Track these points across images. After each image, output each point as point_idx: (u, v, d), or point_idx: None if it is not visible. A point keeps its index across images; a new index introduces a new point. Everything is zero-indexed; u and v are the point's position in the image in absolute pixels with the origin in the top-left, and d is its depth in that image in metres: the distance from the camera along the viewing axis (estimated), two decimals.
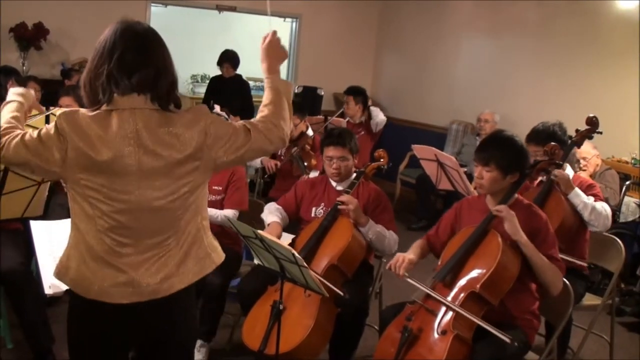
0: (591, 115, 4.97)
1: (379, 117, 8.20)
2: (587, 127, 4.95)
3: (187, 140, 2.58)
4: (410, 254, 4.18)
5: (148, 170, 2.54)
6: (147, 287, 2.63)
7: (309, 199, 4.97)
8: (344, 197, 4.59)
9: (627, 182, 7.16)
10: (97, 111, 2.53)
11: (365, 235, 4.61)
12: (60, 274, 2.69)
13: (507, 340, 3.56)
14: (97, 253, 2.59)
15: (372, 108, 8.34)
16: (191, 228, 2.73)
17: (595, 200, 4.81)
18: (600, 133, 4.98)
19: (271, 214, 4.94)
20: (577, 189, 4.78)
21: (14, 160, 2.54)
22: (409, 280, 4.00)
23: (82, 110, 2.55)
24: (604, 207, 4.81)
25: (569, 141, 4.95)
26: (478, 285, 3.70)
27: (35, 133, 2.53)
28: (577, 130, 4.98)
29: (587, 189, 4.91)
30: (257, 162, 7.29)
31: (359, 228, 4.63)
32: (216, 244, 2.90)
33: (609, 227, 4.88)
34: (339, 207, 4.58)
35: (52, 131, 2.50)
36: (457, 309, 3.69)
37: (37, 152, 2.50)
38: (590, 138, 5.01)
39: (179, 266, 2.69)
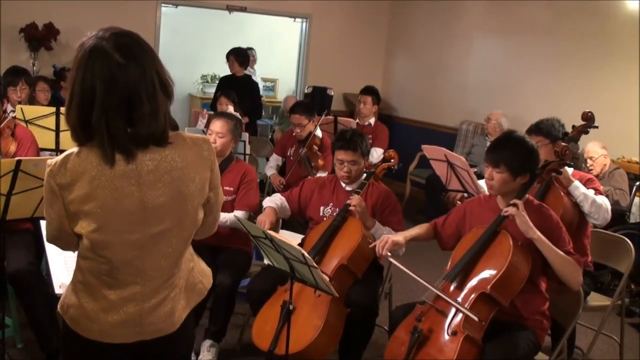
0: (587, 110, 4.98)
1: (373, 156, 7.91)
2: (582, 122, 4.96)
3: (192, 172, 2.46)
4: (398, 236, 4.24)
5: (153, 208, 2.39)
6: (152, 327, 2.54)
7: (318, 198, 4.98)
8: (353, 200, 4.60)
9: (638, 183, 7.14)
10: (92, 147, 2.31)
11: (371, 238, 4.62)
12: (62, 309, 2.57)
13: (476, 318, 3.63)
14: (101, 293, 2.47)
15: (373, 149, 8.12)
16: (186, 260, 2.63)
17: (595, 194, 4.82)
18: (596, 127, 4.98)
19: (271, 201, 4.99)
20: (576, 182, 4.78)
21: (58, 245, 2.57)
22: (392, 260, 4.09)
23: (74, 152, 2.34)
24: (603, 201, 4.81)
25: (565, 137, 4.96)
26: (489, 287, 3.69)
27: (48, 222, 2.46)
28: (573, 126, 4.99)
29: (587, 183, 4.90)
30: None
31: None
32: (206, 269, 2.81)
33: (608, 220, 4.87)
34: (349, 208, 4.59)
35: (48, 194, 2.38)
36: (465, 311, 3.69)
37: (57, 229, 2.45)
38: (587, 133, 5.01)
39: (180, 301, 2.61)
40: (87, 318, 2.48)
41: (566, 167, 4.83)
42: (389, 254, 4.11)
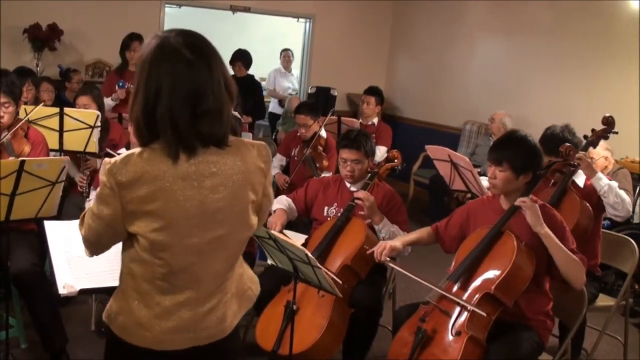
0: (607, 114, 4.96)
1: (377, 154, 7.85)
2: (603, 126, 4.94)
3: (252, 178, 2.44)
4: (396, 242, 4.25)
5: (213, 212, 2.36)
6: (205, 332, 2.50)
7: (322, 198, 4.98)
8: (361, 193, 4.59)
9: None
10: (154, 148, 2.30)
11: (378, 233, 4.62)
12: (109, 318, 2.50)
13: (482, 313, 3.62)
14: (154, 300, 2.42)
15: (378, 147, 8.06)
16: (237, 266, 2.61)
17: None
18: (616, 133, 4.97)
19: (279, 203, 5.00)
20: (600, 173, 4.79)
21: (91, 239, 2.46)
22: (391, 265, 4.11)
23: (137, 152, 2.29)
24: (625, 194, 4.84)
25: (585, 141, 4.94)
26: (493, 287, 3.69)
27: (90, 211, 2.38)
28: (593, 130, 4.97)
29: None
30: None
31: (372, 226, 4.65)
32: (253, 275, 2.78)
33: (630, 213, 4.89)
34: (356, 201, 4.59)
35: (105, 191, 2.29)
36: (472, 307, 3.68)
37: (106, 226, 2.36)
38: (606, 138, 5.00)
39: (231, 307, 2.58)
40: (140, 325, 2.43)
41: (589, 159, 4.84)
42: (387, 259, 4.12)
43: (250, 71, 9.66)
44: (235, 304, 2.61)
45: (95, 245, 2.49)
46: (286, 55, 11.84)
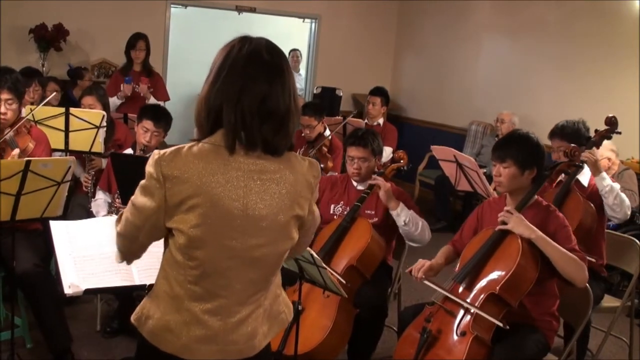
0: (610, 115, 4.97)
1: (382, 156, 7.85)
2: (605, 127, 4.95)
3: (299, 190, 2.42)
4: (440, 259, 4.24)
5: (255, 218, 2.33)
6: (234, 346, 2.44)
7: (328, 196, 4.98)
8: (378, 180, 4.65)
9: None
10: (206, 144, 2.30)
11: (397, 219, 4.62)
12: (139, 321, 2.47)
13: (486, 316, 3.63)
14: (185, 305, 2.38)
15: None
16: (276, 286, 2.58)
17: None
18: (619, 133, 4.97)
19: None
20: (604, 173, 4.79)
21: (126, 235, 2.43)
22: (427, 282, 4.02)
23: (187, 146, 2.30)
24: (625, 197, 4.84)
25: (589, 141, 4.95)
26: (498, 287, 3.69)
27: (131, 204, 2.36)
28: (596, 131, 4.98)
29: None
30: None
31: (379, 224, 4.66)
32: (288, 300, 2.71)
33: (628, 216, 4.88)
34: (372, 182, 4.66)
35: (150, 182, 2.28)
36: (476, 310, 3.68)
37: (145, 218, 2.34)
38: (609, 138, 5.01)
39: (262, 324, 2.52)
40: (169, 331, 2.41)
41: (597, 154, 4.86)
42: (423, 277, 4.07)
43: None
44: (266, 324, 2.56)
45: (131, 241, 2.45)
46: (294, 56, 11.84)
